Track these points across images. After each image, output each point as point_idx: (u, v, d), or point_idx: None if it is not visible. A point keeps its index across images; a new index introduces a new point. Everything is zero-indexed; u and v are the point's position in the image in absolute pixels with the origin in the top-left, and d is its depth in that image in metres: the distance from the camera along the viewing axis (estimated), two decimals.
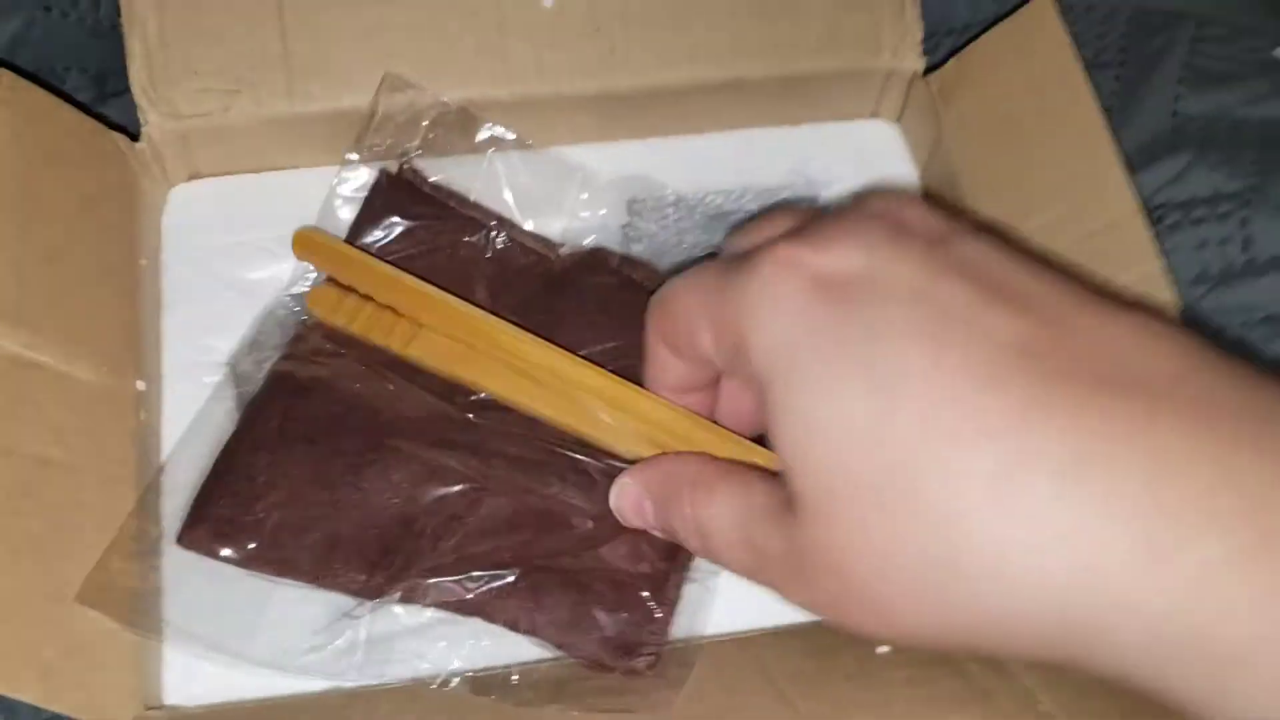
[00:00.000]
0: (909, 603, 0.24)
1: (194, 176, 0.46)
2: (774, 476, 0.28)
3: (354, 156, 0.44)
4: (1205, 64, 0.49)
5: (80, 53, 0.51)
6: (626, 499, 0.34)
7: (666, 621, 0.36)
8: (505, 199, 0.45)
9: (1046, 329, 0.24)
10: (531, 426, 0.39)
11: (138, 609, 0.36)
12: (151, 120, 0.43)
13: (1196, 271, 0.45)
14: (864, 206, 0.28)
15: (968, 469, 0.23)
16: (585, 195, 0.45)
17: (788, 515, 0.26)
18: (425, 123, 0.44)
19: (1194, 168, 0.47)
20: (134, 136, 0.44)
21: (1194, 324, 0.44)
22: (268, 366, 0.41)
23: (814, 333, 0.25)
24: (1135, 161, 0.46)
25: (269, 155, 0.45)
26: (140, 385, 0.39)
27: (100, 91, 0.51)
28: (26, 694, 0.32)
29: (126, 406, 0.38)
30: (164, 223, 0.45)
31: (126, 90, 0.51)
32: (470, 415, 0.39)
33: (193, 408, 0.41)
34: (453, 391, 0.40)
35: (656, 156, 0.48)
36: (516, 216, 0.45)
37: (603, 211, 0.45)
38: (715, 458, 0.32)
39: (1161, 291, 0.38)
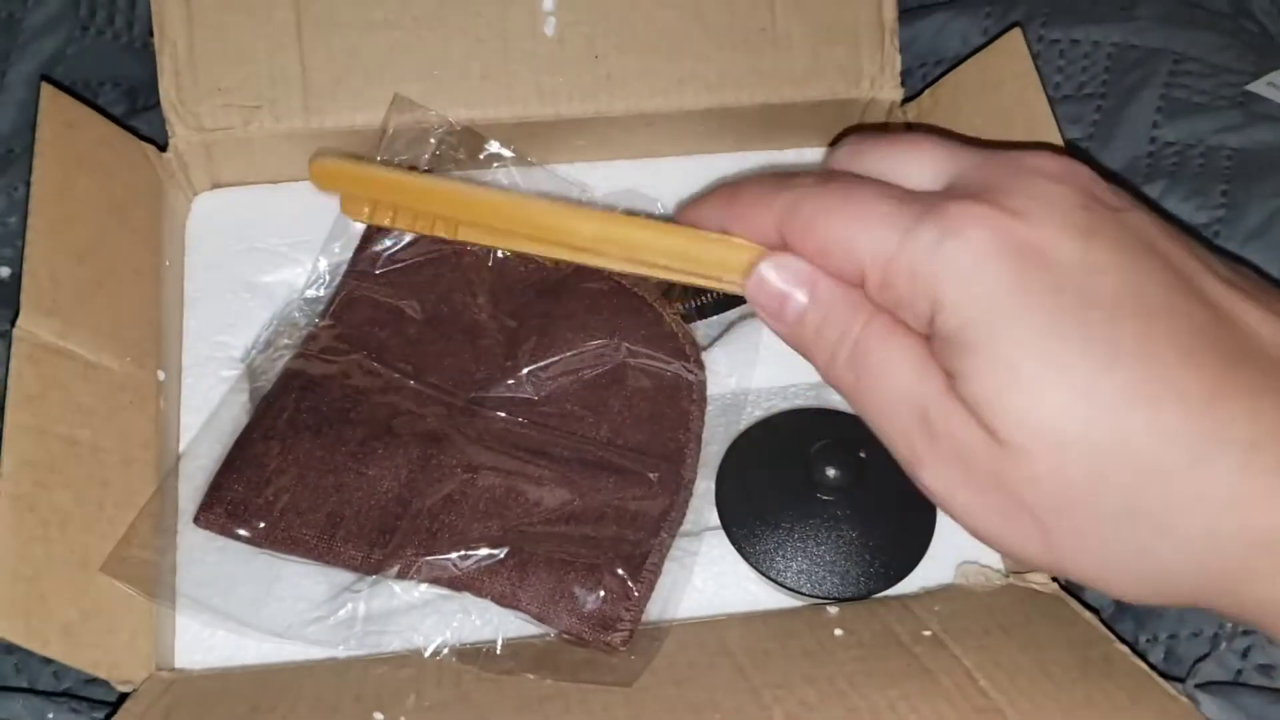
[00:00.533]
0: (1090, 541, 0.27)
1: (216, 186, 0.49)
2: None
3: None
4: (1183, 95, 0.52)
5: (114, 69, 0.55)
6: (772, 285, 0.31)
7: (643, 599, 0.39)
8: None
9: (1223, 319, 0.27)
10: (528, 412, 0.42)
11: (155, 580, 0.39)
12: (178, 133, 0.46)
13: None
14: (1042, 166, 0.29)
15: (1171, 433, 0.25)
16: None
17: (973, 426, 0.27)
18: (432, 140, 0.47)
19: (1166, 197, 0.50)
20: (162, 148, 0.47)
21: None
22: (281, 363, 0.44)
23: (1025, 297, 0.26)
24: None
25: (286, 167, 0.49)
26: (161, 375, 0.42)
27: (132, 105, 0.55)
28: (49, 650, 0.35)
29: (148, 394, 0.42)
30: (187, 228, 0.48)
31: (157, 105, 0.55)
32: (469, 404, 0.43)
33: (209, 398, 0.44)
34: (455, 384, 0.43)
35: (648, 176, 0.51)
36: None
37: None
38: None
39: None
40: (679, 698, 0.35)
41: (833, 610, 0.40)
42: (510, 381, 0.44)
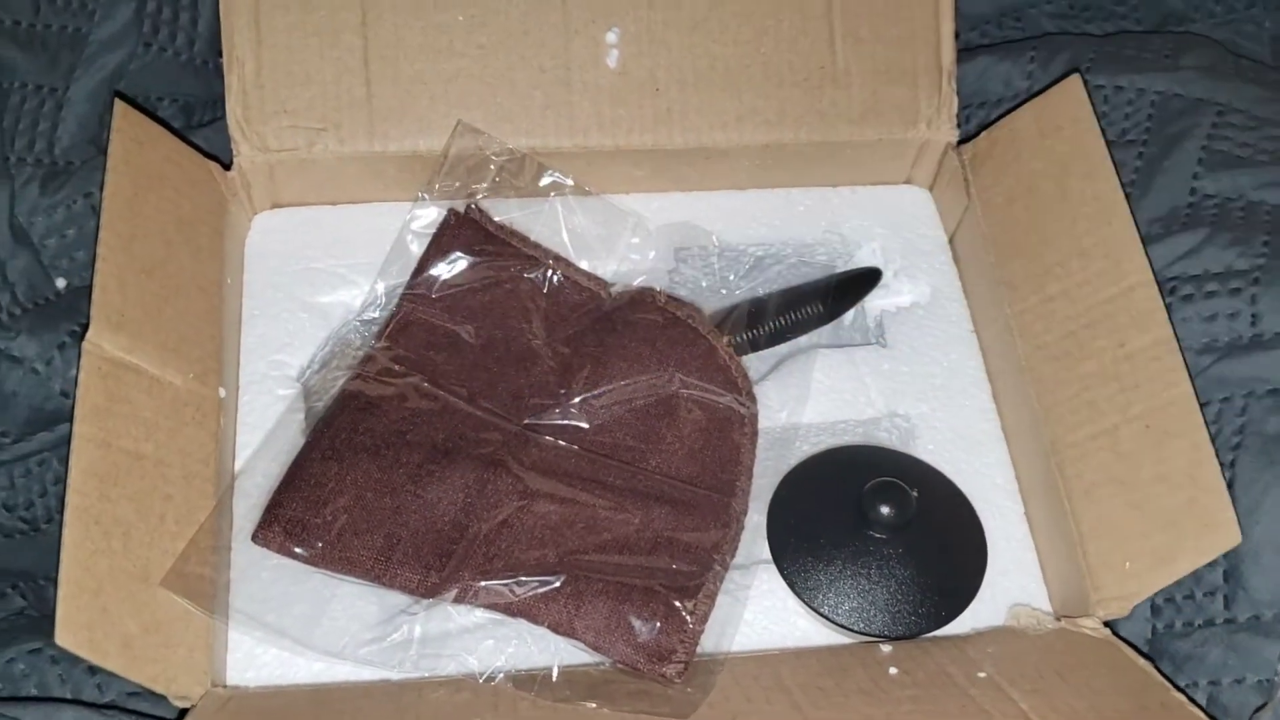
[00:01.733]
0: None
1: (276, 205, 0.50)
2: None
3: (426, 196, 0.48)
4: (1225, 148, 0.52)
5: (173, 85, 0.55)
6: None
7: (697, 631, 0.39)
8: (563, 240, 0.48)
9: None
10: (580, 439, 0.42)
11: (213, 597, 0.39)
12: (243, 152, 0.47)
13: (1205, 341, 0.47)
14: None
15: None
16: (636, 240, 0.49)
17: None
18: (492, 167, 0.48)
19: (1208, 245, 0.50)
20: (226, 165, 0.47)
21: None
22: (338, 384, 0.44)
23: None
24: (1152, 235, 0.49)
25: (346, 189, 0.49)
26: (222, 392, 0.43)
27: (188, 121, 0.55)
28: (109, 663, 0.35)
29: (210, 411, 0.42)
30: (247, 246, 0.49)
31: (213, 121, 0.56)
32: (524, 431, 0.43)
33: (265, 416, 0.45)
34: (509, 410, 0.43)
35: (703, 209, 0.51)
36: (572, 256, 0.48)
37: (651, 255, 0.49)
38: None
39: (1171, 357, 0.41)
40: None
41: (886, 648, 0.40)
42: (563, 409, 0.44)
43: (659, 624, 0.39)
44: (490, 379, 0.45)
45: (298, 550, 0.40)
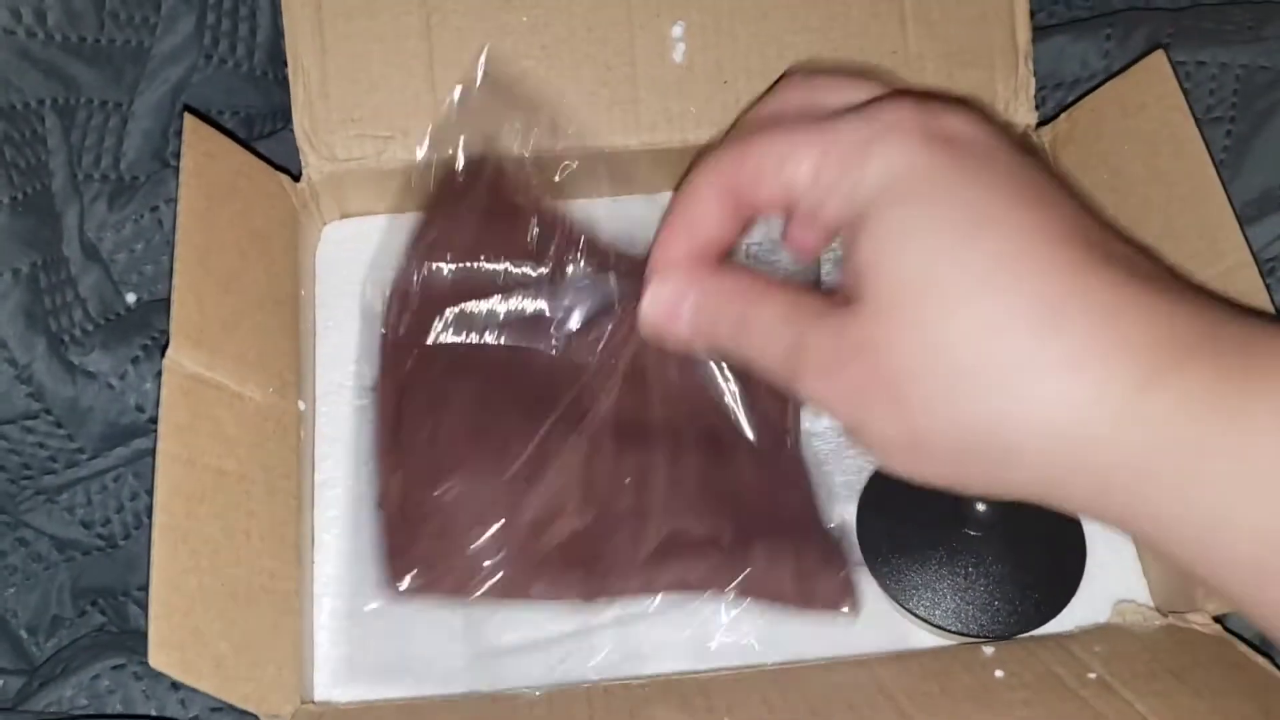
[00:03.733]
0: (927, 402, 0.28)
1: (345, 215, 0.49)
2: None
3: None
4: None
5: (235, 97, 0.55)
6: (661, 305, 0.35)
7: (843, 556, 0.40)
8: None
9: (1094, 224, 0.29)
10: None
11: None
12: (311, 162, 0.46)
13: None
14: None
15: (1026, 294, 0.27)
16: None
17: (842, 313, 0.30)
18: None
19: None
20: (295, 177, 0.47)
21: None
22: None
23: (926, 169, 0.29)
24: (1246, 216, 0.47)
25: (414, 196, 0.48)
26: (302, 405, 0.42)
27: (250, 133, 0.55)
28: (202, 684, 0.35)
29: (290, 424, 0.41)
30: (318, 257, 0.48)
31: (274, 132, 0.55)
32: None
33: (343, 428, 0.44)
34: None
35: None
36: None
37: None
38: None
39: None
40: None
41: (989, 650, 0.38)
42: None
43: (820, 564, 0.39)
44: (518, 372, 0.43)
45: (445, 587, 0.39)
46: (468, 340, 0.43)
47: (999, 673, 0.37)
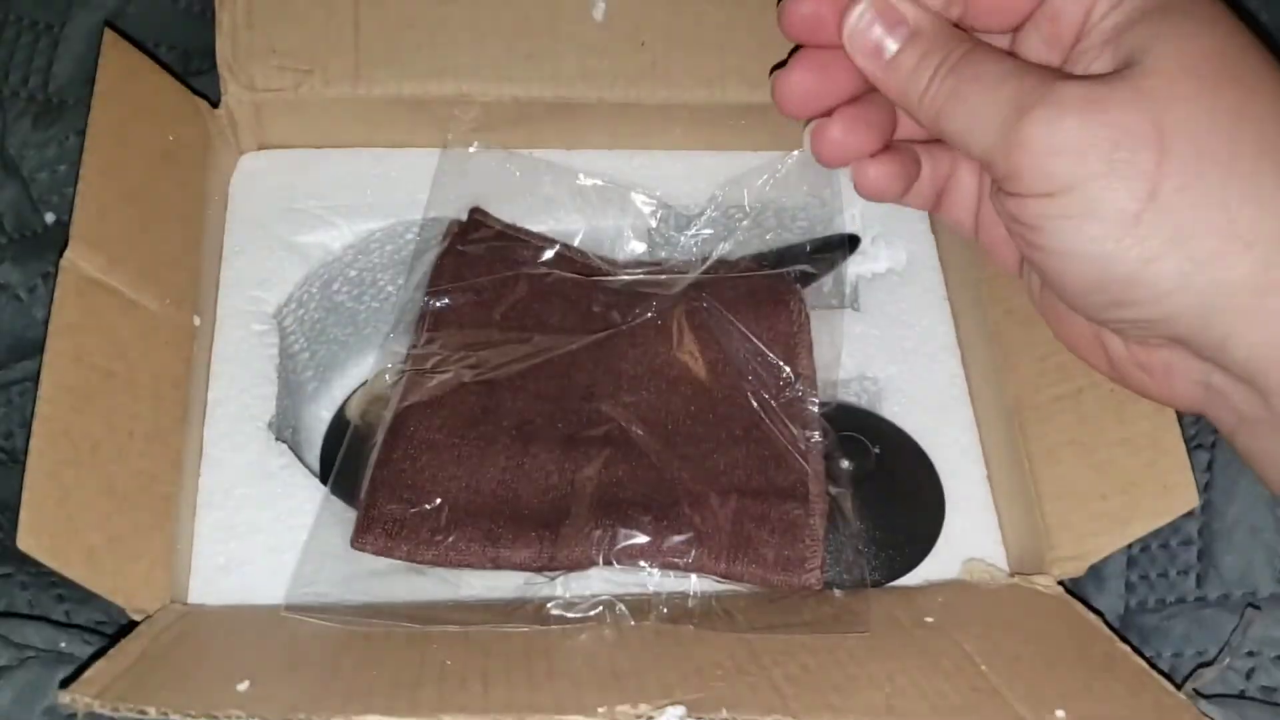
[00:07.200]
0: (1184, 162, 0.30)
1: (263, 146, 0.50)
2: None
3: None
4: None
5: (170, 31, 0.56)
6: (870, 26, 0.36)
7: (820, 535, 0.40)
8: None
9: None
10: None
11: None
12: (231, 90, 0.47)
13: None
14: None
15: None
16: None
17: (1103, 73, 0.32)
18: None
19: None
20: (214, 104, 0.48)
21: None
22: (395, 390, 0.45)
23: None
24: None
25: (331, 133, 0.50)
26: (196, 320, 0.43)
27: (185, 68, 0.56)
28: (70, 571, 0.36)
29: (183, 337, 0.42)
30: (232, 185, 0.49)
31: (209, 69, 0.56)
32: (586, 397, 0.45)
33: (240, 348, 0.45)
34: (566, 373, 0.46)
35: (684, 168, 0.52)
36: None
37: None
38: None
39: None
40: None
41: (837, 593, 0.40)
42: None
43: (781, 536, 0.40)
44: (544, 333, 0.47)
45: (404, 549, 0.40)
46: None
47: None
